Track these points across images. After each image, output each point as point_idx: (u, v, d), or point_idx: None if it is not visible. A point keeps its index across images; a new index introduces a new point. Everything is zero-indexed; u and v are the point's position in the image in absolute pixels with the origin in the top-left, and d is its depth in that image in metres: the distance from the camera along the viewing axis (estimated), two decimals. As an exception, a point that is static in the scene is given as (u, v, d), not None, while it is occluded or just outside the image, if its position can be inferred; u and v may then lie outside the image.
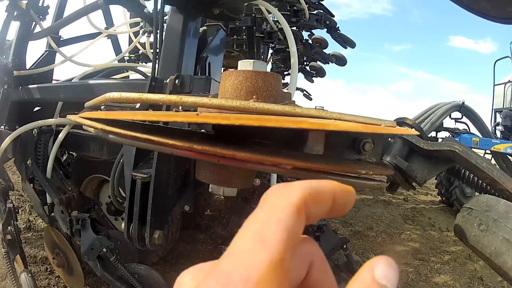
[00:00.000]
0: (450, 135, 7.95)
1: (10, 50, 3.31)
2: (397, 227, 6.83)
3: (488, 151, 7.93)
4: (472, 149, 7.49)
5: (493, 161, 7.86)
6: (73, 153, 3.88)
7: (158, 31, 2.67)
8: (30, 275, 2.76)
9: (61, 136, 3.03)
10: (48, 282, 3.51)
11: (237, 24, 4.39)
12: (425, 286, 4.60)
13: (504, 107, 9.97)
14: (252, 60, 1.24)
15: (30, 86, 3.21)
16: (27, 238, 4.30)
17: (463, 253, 5.72)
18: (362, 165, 1.02)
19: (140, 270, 2.75)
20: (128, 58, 4.97)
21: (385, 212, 7.59)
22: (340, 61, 7.52)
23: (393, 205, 8.19)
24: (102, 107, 1.70)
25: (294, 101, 1.45)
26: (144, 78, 3.50)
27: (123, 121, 0.98)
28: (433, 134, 7.90)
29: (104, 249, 2.59)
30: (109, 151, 2.97)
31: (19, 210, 4.83)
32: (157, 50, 2.68)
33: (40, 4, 3.38)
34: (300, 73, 8.79)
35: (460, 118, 8.13)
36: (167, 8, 2.83)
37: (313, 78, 8.56)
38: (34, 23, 3.39)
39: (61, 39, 3.66)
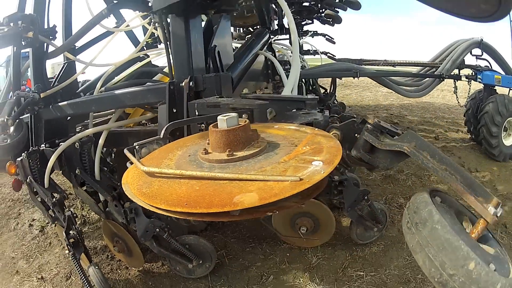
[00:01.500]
0: (473, 72, 7.84)
1: (28, 72, 3.49)
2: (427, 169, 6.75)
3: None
4: (496, 87, 7.57)
5: None
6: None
7: (167, 41, 3.00)
8: (97, 267, 3.11)
9: (101, 142, 3.42)
10: (111, 267, 3.84)
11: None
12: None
13: None
14: (225, 118, 1.53)
15: (60, 104, 3.48)
16: (84, 232, 4.58)
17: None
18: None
19: (190, 240, 3.23)
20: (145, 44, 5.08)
21: None
22: (354, 5, 7.47)
23: None
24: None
25: (261, 138, 1.67)
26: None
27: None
28: (455, 71, 7.88)
29: (157, 229, 2.97)
30: None
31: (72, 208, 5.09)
32: (170, 56, 3.01)
33: (46, 27, 3.55)
34: (317, 20, 8.94)
35: (481, 55, 7.92)
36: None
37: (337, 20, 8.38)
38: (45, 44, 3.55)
39: (76, 48, 3.81)
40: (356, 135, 2.11)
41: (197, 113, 2.37)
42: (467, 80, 7.97)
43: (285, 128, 1.88)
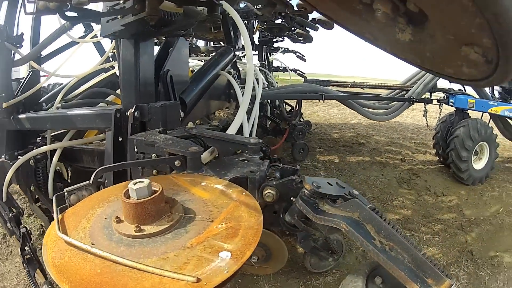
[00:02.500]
0: (445, 96, 7.90)
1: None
2: (391, 193, 6.76)
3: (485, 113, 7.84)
4: (468, 111, 7.63)
5: (491, 124, 7.86)
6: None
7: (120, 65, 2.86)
8: (50, 285, 2.99)
9: (54, 159, 3.36)
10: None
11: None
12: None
13: None
14: (135, 188, 1.37)
15: (20, 116, 3.40)
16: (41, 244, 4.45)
17: (455, 223, 5.68)
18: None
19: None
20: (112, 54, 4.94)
21: (380, 176, 7.51)
22: (327, 25, 7.44)
23: (389, 166, 8.09)
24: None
25: (177, 207, 1.49)
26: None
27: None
28: (427, 95, 7.94)
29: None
30: (99, 162, 3.25)
31: (32, 217, 4.96)
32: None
33: (14, 34, 3.44)
34: (288, 38, 8.84)
35: None
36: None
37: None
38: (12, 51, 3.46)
39: (42, 56, 3.72)
40: (292, 198, 1.90)
41: (136, 150, 2.23)
42: (438, 104, 8.03)
43: (211, 189, 1.70)
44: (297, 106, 8.26)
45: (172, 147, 2.01)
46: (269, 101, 7.72)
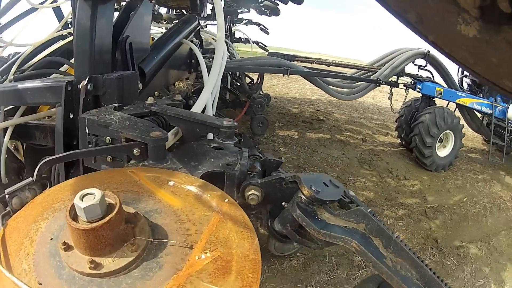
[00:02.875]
0: (412, 81, 7.91)
1: None
2: (353, 173, 6.68)
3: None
4: (435, 98, 7.69)
5: (457, 113, 7.92)
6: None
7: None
8: None
9: (6, 139, 2.97)
10: None
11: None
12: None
13: None
14: (83, 206, 0.94)
15: None
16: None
17: (419, 208, 5.65)
18: None
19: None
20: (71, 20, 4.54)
21: (341, 155, 7.40)
22: (296, 0, 7.23)
23: (350, 146, 8.01)
24: None
25: (141, 227, 1.07)
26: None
27: None
28: (393, 78, 7.82)
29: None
30: (52, 139, 2.86)
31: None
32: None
33: None
34: (254, 10, 8.68)
35: (424, 66, 8.05)
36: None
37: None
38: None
39: (1, 25, 3.49)
40: (283, 203, 1.53)
41: (87, 131, 1.84)
42: (405, 88, 8.02)
43: (183, 192, 1.28)
44: (259, 79, 8.05)
45: (130, 130, 1.60)
46: (230, 72, 7.46)
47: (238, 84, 7.90)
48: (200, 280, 0.94)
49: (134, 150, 1.57)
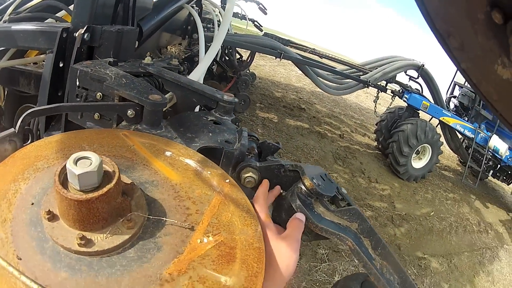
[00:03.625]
0: (401, 90, 8.05)
1: None
2: (326, 166, 6.72)
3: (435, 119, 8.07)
4: (420, 111, 7.86)
5: (438, 130, 8.07)
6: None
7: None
8: None
9: None
10: None
11: None
12: (333, 247, 4.45)
13: (466, 85, 9.79)
14: (78, 173, 0.78)
15: None
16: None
17: (386, 213, 5.70)
18: None
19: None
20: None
21: (317, 146, 7.45)
22: None
23: (327, 139, 8.07)
24: None
25: (138, 201, 0.93)
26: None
27: None
28: (383, 83, 7.93)
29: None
30: (36, 87, 2.80)
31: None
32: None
33: None
34: None
35: (416, 78, 8.18)
36: None
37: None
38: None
39: None
40: (282, 192, 1.45)
41: (78, 83, 1.70)
42: (392, 95, 8.15)
43: (181, 165, 1.17)
44: (250, 57, 7.92)
45: (127, 89, 1.49)
46: (222, 45, 7.21)
47: (227, 58, 7.77)
48: (203, 267, 0.84)
49: (128, 111, 1.45)
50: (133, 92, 1.48)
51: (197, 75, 2.63)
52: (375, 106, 8.23)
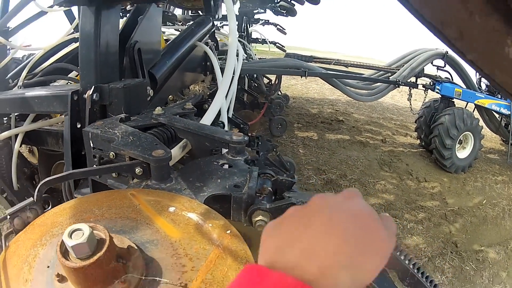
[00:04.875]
0: (431, 82, 7.80)
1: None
2: (373, 175, 6.58)
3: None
4: (454, 99, 7.58)
5: (476, 114, 7.77)
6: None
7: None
8: None
9: (16, 146, 2.95)
10: None
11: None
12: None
13: None
14: (71, 244, 0.87)
15: None
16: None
17: (439, 211, 5.54)
18: None
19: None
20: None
21: (361, 156, 7.31)
22: (312, 0, 7.16)
23: (370, 147, 7.89)
24: None
25: (135, 262, 0.99)
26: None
27: None
28: (412, 79, 7.69)
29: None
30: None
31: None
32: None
33: None
34: (270, 10, 8.59)
35: (443, 66, 7.89)
36: None
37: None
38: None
39: (10, 29, 3.35)
40: None
41: (92, 145, 1.76)
42: (424, 89, 7.90)
43: (183, 220, 1.19)
44: (277, 80, 7.92)
45: (132, 148, 1.52)
46: (247, 74, 7.31)
47: (256, 85, 7.78)
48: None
49: (136, 170, 1.48)
50: (137, 151, 1.50)
51: (214, 109, 2.63)
52: (410, 104, 8.08)
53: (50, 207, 1.47)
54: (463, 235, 5.02)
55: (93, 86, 2.17)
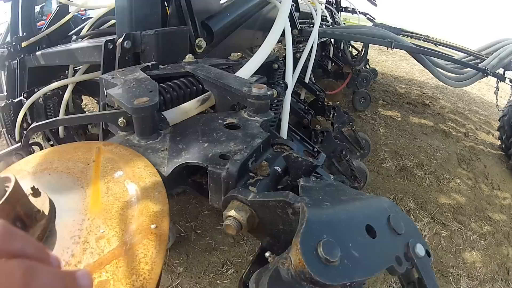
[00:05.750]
0: None
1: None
2: (449, 170, 6.22)
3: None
4: None
5: None
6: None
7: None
8: None
9: (66, 96, 3.09)
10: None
11: None
12: (452, 261, 4.07)
13: None
14: None
15: (37, 53, 3.25)
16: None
17: (504, 228, 5.15)
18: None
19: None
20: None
21: (441, 147, 6.97)
22: None
23: (452, 138, 7.51)
24: None
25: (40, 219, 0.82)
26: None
27: None
28: (500, 70, 6.98)
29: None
30: None
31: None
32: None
33: None
34: None
35: None
36: None
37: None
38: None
39: None
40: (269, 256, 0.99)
41: (105, 92, 1.56)
42: (511, 84, 7.12)
43: (117, 193, 0.97)
44: (363, 50, 7.54)
45: (121, 97, 1.30)
46: (332, 41, 7.12)
47: (342, 54, 7.46)
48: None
49: (119, 120, 1.30)
50: (123, 98, 1.30)
51: (248, 68, 2.29)
52: (497, 99, 7.35)
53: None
54: (523, 262, 4.69)
55: (124, 34, 2.05)
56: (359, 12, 8.63)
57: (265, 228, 0.99)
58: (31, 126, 1.32)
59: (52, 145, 3.19)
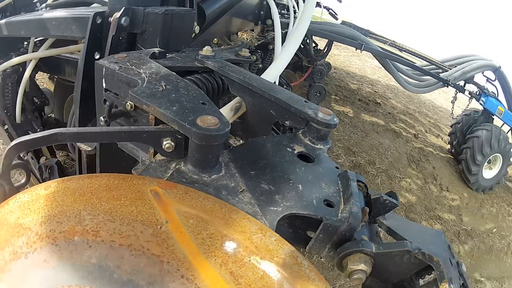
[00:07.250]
0: (478, 92, 7.50)
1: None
2: (400, 170, 6.50)
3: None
4: (494, 116, 7.47)
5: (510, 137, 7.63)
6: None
7: None
8: None
9: (26, 74, 2.67)
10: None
11: None
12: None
13: None
14: None
15: (0, 21, 2.73)
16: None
17: (454, 227, 5.57)
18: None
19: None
20: None
21: (392, 146, 7.18)
22: None
23: (402, 139, 7.76)
24: None
25: None
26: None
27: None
28: (461, 83, 7.41)
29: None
30: None
31: None
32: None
33: None
34: None
35: (493, 80, 7.69)
36: None
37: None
38: None
39: None
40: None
41: (104, 85, 1.21)
42: (469, 96, 7.60)
43: (253, 281, 0.58)
44: (327, 47, 7.66)
45: (163, 104, 0.93)
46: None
47: (303, 46, 7.31)
48: None
49: (164, 142, 0.90)
50: (170, 111, 0.92)
51: (274, 73, 1.98)
52: (453, 107, 7.86)
53: (24, 180, 0.96)
54: (469, 260, 5.09)
55: (123, 8, 1.60)
56: (323, 6, 8.50)
57: (376, 272, 0.92)
58: (15, 143, 0.85)
59: (6, 130, 2.85)
